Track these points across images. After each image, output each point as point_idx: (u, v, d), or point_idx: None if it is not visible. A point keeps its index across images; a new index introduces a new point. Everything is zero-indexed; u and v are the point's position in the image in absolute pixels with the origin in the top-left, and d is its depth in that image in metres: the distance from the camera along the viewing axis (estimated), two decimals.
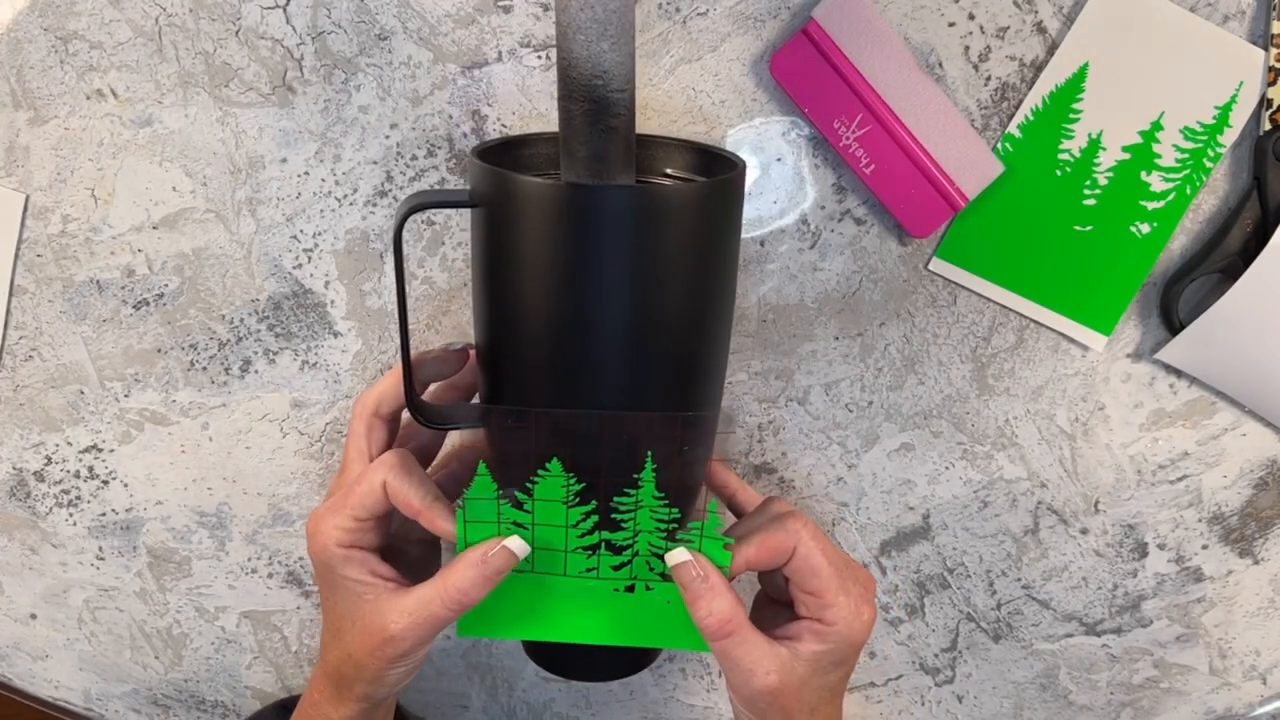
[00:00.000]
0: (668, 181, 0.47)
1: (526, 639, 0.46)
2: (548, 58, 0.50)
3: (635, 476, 0.41)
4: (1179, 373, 0.54)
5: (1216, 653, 0.60)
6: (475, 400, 0.49)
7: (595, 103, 0.38)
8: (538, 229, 0.38)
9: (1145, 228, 0.51)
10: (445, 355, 0.47)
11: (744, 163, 0.43)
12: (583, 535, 0.42)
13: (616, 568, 0.43)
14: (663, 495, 0.41)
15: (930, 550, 0.58)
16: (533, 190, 0.38)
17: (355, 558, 0.43)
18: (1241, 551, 0.57)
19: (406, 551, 0.48)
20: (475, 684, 0.63)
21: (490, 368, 0.43)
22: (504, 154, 0.45)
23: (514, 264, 0.39)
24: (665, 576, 0.43)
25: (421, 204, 0.40)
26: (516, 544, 0.42)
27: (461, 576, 0.41)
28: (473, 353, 0.47)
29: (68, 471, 0.59)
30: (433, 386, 0.50)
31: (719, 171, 0.45)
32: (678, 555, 0.42)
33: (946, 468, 0.56)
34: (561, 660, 0.48)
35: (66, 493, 0.59)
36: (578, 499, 0.41)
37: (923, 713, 0.62)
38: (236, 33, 0.50)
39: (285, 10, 0.49)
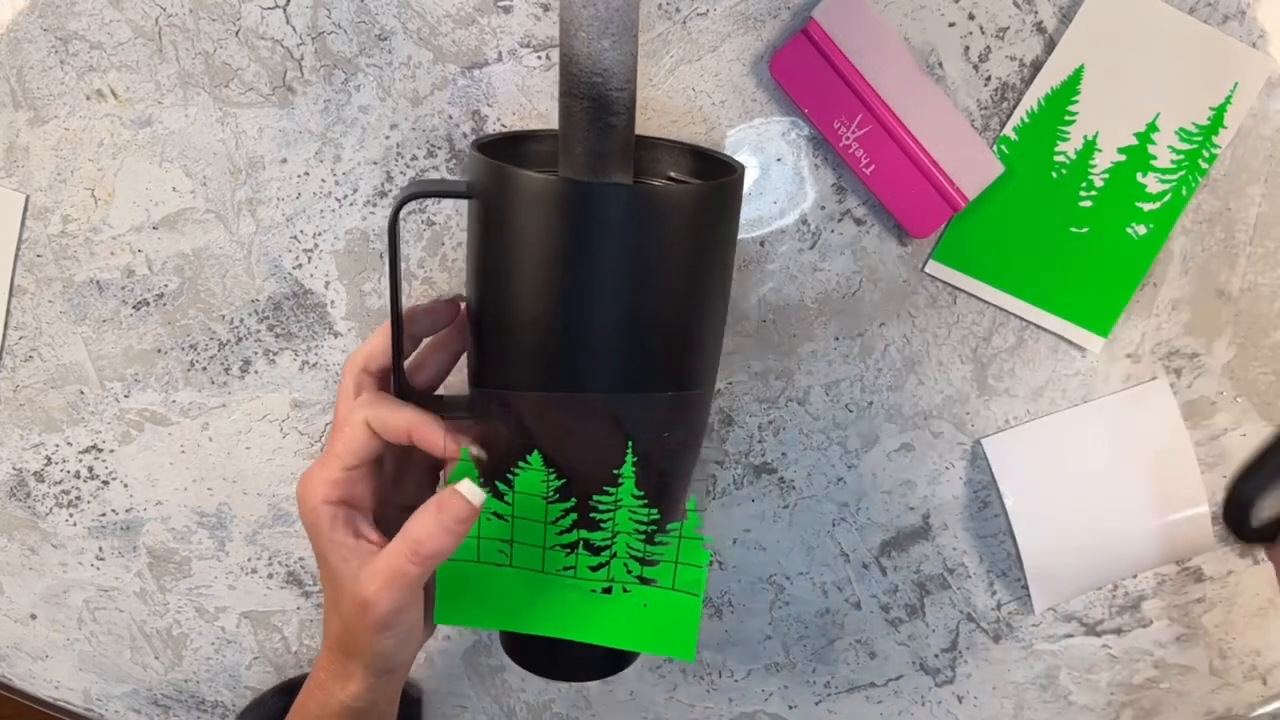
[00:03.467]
0: (668, 183, 0.47)
1: (502, 629, 0.46)
2: (548, 58, 0.50)
3: (615, 473, 0.41)
4: (1179, 373, 0.54)
5: (1216, 653, 0.60)
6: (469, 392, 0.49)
7: (595, 100, 0.38)
8: (533, 223, 0.38)
9: (1141, 229, 0.51)
10: (435, 307, 0.46)
11: (743, 167, 0.43)
12: (561, 533, 0.42)
13: (594, 568, 0.43)
14: (642, 495, 0.41)
15: (930, 550, 0.58)
16: (529, 185, 0.38)
17: (342, 516, 0.42)
18: (1241, 552, 0.57)
19: (397, 519, 0.47)
20: (475, 684, 0.63)
21: (480, 358, 0.43)
22: (505, 148, 0.45)
23: (508, 256, 0.39)
24: (643, 580, 0.43)
25: (418, 192, 0.40)
26: (467, 488, 0.40)
27: (419, 525, 0.40)
28: (463, 306, 0.46)
29: (68, 472, 0.59)
30: (422, 347, 0.48)
31: (719, 175, 0.45)
32: None
33: (946, 468, 0.56)
34: (539, 658, 0.47)
35: (66, 493, 0.59)
36: (557, 495, 0.41)
37: (923, 713, 0.62)
38: (236, 33, 0.50)
39: (285, 10, 0.49)
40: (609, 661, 0.47)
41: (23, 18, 0.50)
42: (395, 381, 0.44)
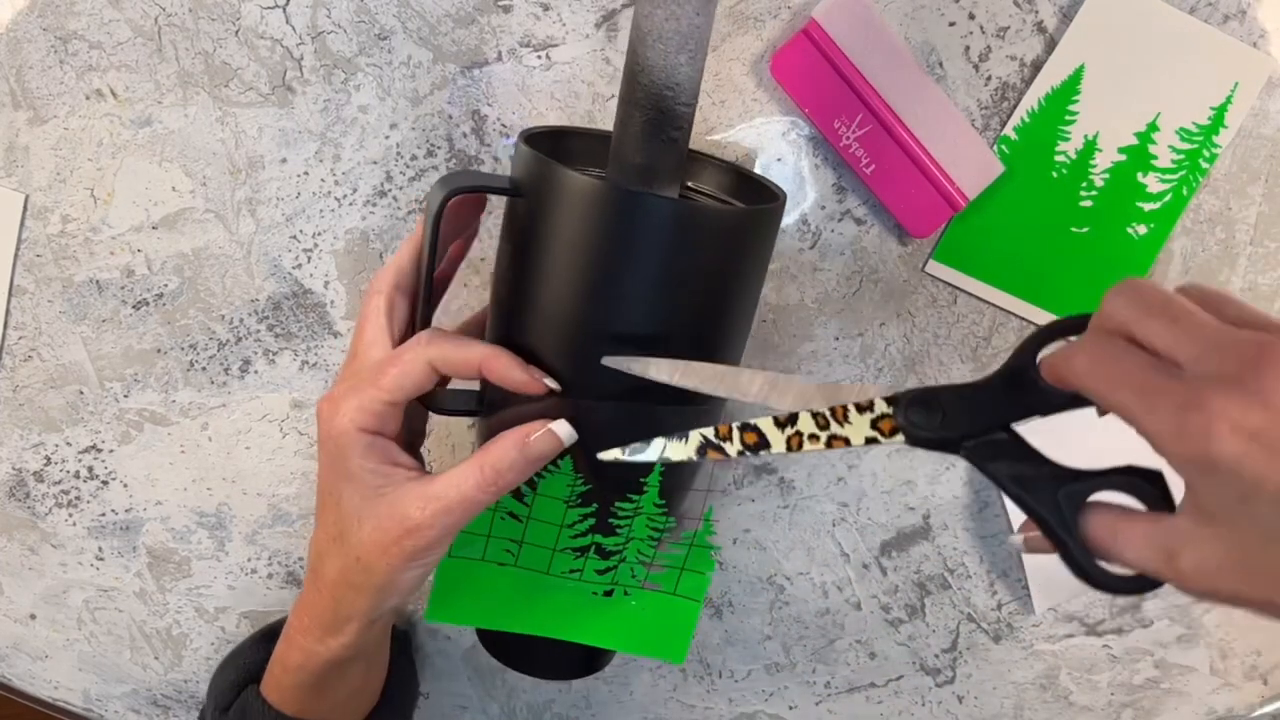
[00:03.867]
0: (701, 197, 0.47)
1: (496, 629, 0.45)
2: (548, 57, 0.50)
3: (641, 481, 0.41)
4: None
5: (1217, 653, 0.60)
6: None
7: (661, 113, 0.38)
8: (579, 225, 0.37)
9: (1142, 229, 0.51)
10: (459, 209, 0.43)
11: (784, 193, 0.43)
12: (575, 536, 0.42)
13: (601, 572, 0.43)
14: (663, 503, 0.41)
15: (930, 550, 0.58)
16: (582, 187, 0.37)
17: (376, 445, 0.39)
18: None
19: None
20: (475, 684, 0.63)
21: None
22: (547, 143, 0.44)
23: (548, 254, 0.38)
24: (646, 584, 0.43)
25: (464, 187, 0.39)
26: (564, 430, 0.38)
27: (501, 457, 0.38)
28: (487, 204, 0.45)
29: (67, 472, 0.59)
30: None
31: (749, 193, 0.45)
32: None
33: (947, 468, 0.56)
34: (515, 653, 0.47)
35: (66, 493, 0.59)
36: (579, 500, 0.41)
37: (923, 713, 0.62)
38: (236, 33, 0.50)
39: (285, 10, 0.49)
40: (587, 661, 0.47)
41: (23, 18, 0.50)
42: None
